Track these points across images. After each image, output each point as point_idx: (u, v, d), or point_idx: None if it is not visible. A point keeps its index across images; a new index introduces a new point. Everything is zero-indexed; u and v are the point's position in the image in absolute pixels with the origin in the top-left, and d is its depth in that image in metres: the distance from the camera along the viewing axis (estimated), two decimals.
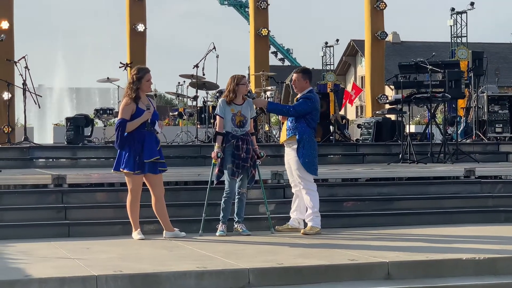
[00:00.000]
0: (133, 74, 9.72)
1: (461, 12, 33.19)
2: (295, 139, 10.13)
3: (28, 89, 15.38)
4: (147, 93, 9.89)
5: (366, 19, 21.36)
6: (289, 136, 10.17)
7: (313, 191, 10.12)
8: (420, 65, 15.19)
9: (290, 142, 10.20)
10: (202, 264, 7.73)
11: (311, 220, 10.09)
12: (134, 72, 9.74)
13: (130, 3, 20.07)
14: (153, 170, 9.64)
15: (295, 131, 10.14)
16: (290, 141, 10.18)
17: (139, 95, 9.66)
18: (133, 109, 9.59)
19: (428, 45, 52.64)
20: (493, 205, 11.79)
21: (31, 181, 11.02)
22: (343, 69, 61.77)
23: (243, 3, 72.92)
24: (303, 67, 10.75)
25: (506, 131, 16.92)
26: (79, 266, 7.72)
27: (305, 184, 10.11)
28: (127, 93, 9.70)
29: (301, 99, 10.24)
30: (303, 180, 10.11)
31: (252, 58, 21.36)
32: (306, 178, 10.12)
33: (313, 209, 10.06)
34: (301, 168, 10.08)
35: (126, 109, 9.61)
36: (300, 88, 10.34)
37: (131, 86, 9.65)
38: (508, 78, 47.20)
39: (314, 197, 10.10)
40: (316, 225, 10.07)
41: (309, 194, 10.09)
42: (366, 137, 17.24)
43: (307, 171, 10.08)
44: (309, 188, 10.10)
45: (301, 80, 10.32)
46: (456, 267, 8.03)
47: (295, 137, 10.13)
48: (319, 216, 10.10)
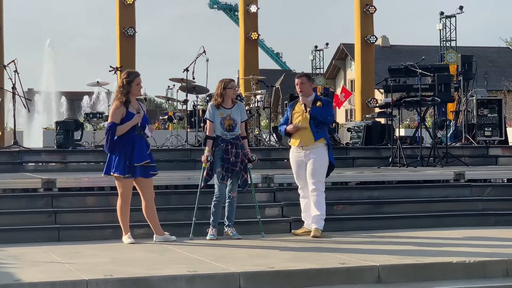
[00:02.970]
0: (123, 78, 9.73)
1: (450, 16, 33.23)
2: (323, 141, 10.23)
3: (17, 93, 15.34)
4: (137, 96, 9.90)
5: (355, 23, 21.43)
6: (318, 139, 10.21)
7: (323, 193, 10.25)
8: (409, 68, 15.23)
9: (317, 145, 10.22)
10: (193, 268, 7.73)
11: (317, 222, 10.14)
12: (124, 76, 9.75)
13: (120, 7, 20.06)
14: (144, 174, 9.63)
15: (323, 134, 10.26)
16: (318, 143, 10.22)
17: (129, 99, 9.66)
18: (123, 112, 9.59)
19: (418, 49, 52.75)
20: (483, 208, 11.82)
21: (20, 185, 10.98)
22: (333, 72, 61.86)
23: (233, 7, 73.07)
24: (304, 72, 10.86)
25: (495, 135, 16.97)
26: (70, 271, 7.70)
27: (319, 186, 10.18)
28: (117, 97, 9.70)
29: (327, 103, 10.34)
30: (318, 182, 10.18)
31: (242, 61, 21.39)
32: (321, 179, 10.23)
33: (321, 210, 10.16)
34: (324, 169, 10.22)
35: (116, 113, 9.60)
36: (307, 92, 10.37)
37: (121, 89, 9.66)
38: (497, 81, 47.38)
39: (323, 200, 10.23)
40: (321, 228, 10.14)
41: (320, 196, 10.17)
42: (356, 141, 17.27)
43: (325, 173, 10.24)
44: (321, 190, 10.21)
45: (307, 83, 10.38)
46: (446, 271, 8.06)
47: (323, 139, 10.23)
48: (324, 218, 10.21)
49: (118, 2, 20.06)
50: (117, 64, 18.82)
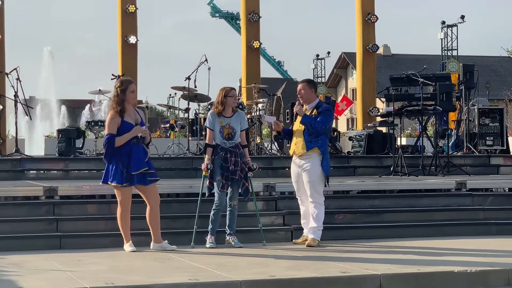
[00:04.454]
0: (117, 87, 9.70)
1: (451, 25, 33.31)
2: (317, 151, 10.01)
3: (19, 101, 15.36)
4: (133, 105, 9.82)
5: (357, 32, 21.46)
6: (310, 149, 10.00)
7: (322, 205, 10.12)
8: (411, 78, 15.23)
9: (310, 154, 10.03)
10: (194, 276, 7.72)
11: (314, 232, 10.08)
12: (118, 85, 9.73)
13: (122, 15, 20.11)
14: (143, 182, 9.61)
15: (317, 144, 10.01)
16: (310, 153, 10.02)
17: (125, 108, 9.63)
18: (119, 122, 9.56)
19: (419, 58, 52.83)
20: (484, 217, 11.81)
21: (22, 193, 10.98)
22: (334, 81, 61.93)
23: (235, 16, 73.15)
24: (307, 78, 10.64)
25: (497, 144, 16.98)
26: (71, 278, 7.70)
27: (316, 197, 10.05)
28: (112, 107, 9.66)
29: (324, 111, 10.07)
30: (315, 193, 10.03)
31: (244, 70, 21.40)
32: (319, 191, 10.08)
33: (319, 222, 10.07)
34: (319, 180, 10.02)
35: (112, 123, 9.57)
36: (307, 98, 10.18)
37: (116, 99, 9.62)
38: (498, 91, 47.40)
39: (322, 211, 10.09)
40: (318, 238, 10.08)
41: (318, 208, 10.05)
42: (358, 150, 17.26)
43: (323, 184, 10.05)
44: (319, 202, 10.08)
45: (307, 90, 10.17)
46: (447, 280, 8.05)
47: (317, 149, 10.01)
48: (321, 229, 10.13)
49: (120, 11, 20.11)
50: (119, 72, 18.85)
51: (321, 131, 10.00)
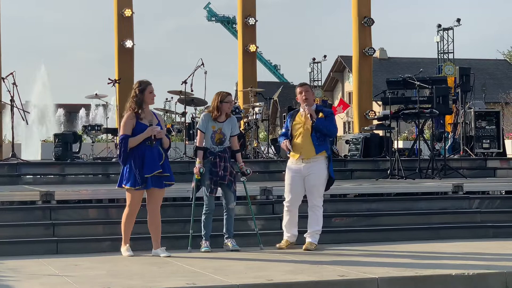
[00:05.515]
0: (135, 88, 9.62)
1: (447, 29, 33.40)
2: (324, 154, 10.06)
3: (16, 106, 15.33)
4: (150, 105, 9.77)
5: (353, 35, 21.43)
6: (319, 152, 10.03)
7: (322, 208, 10.16)
8: (407, 81, 15.24)
9: (317, 158, 10.06)
10: (191, 281, 7.71)
11: (311, 236, 10.08)
12: (136, 86, 9.65)
13: (118, 19, 20.08)
14: (159, 184, 9.54)
15: (325, 147, 10.06)
16: (318, 156, 10.05)
17: (142, 108, 9.59)
18: (133, 123, 9.50)
19: (415, 61, 52.92)
20: (481, 220, 11.82)
21: (19, 197, 10.96)
22: (331, 85, 61.98)
23: (231, 20, 73.24)
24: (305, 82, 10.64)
25: (493, 147, 16.98)
26: (68, 283, 7.68)
27: (319, 201, 10.09)
28: (130, 107, 9.58)
29: (330, 115, 10.15)
30: (319, 197, 10.07)
31: (240, 74, 21.37)
32: (321, 194, 10.12)
33: (319, 227, 10.10)
34: (324, 184, 10.07)
35: (127, 124, 9.48)
36: (311, 101, 10.21)
37: (134, 99, 9.55)
38: (494, 94, 47.47)
39: (322, 215, 10.14)
40: (316, 242, 10.09)
41: (319, 211, 10.09)
42: (354, 153, 17.26)
43: (324, 187, 10.09)
44: (321, 206, 10.12)
45: (311, 92, 10.24)
46: (445, 283, 8.05)
47: (324, 152, 10.05)
48: (320, 233, 10.16)
49: (116, 15, 20.08)
50: (116, 77, 18.83)
51: (334, 135, 10.11)
